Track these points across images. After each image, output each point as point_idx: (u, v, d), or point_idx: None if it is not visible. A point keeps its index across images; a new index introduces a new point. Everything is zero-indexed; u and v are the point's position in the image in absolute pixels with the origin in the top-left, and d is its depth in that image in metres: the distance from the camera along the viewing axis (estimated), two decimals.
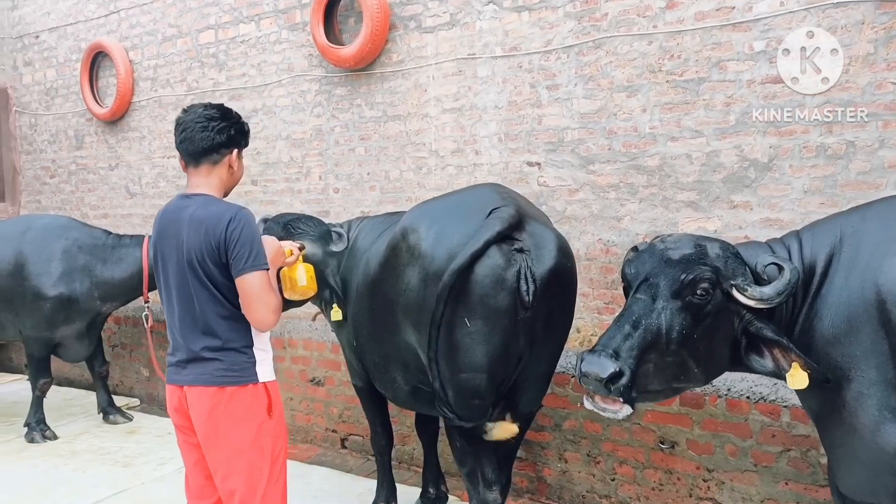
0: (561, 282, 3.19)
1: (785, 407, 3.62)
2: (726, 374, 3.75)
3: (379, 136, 5.51)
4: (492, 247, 2.99)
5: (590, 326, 4.48)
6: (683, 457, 3.98)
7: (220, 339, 2.67)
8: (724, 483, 3.86)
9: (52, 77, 8.14)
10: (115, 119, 7.40)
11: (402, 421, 5.00)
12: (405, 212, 3.93)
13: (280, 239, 3.35)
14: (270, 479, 2.72)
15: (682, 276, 2.53)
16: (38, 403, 5.69)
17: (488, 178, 4.88)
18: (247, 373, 2.71)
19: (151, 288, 5.66)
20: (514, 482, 4.47)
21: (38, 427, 5.61)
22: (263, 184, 6.27)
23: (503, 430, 3.20)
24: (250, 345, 2.73)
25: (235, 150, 2.89)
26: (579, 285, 4.48)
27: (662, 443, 4.02)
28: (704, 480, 3.91)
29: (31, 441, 5.53)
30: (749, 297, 2.46)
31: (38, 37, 8.23)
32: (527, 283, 3.02)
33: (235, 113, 2.97)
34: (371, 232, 3.91)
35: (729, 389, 3.79)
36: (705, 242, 2.64)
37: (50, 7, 8.02)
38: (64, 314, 5.56)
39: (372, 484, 4.42)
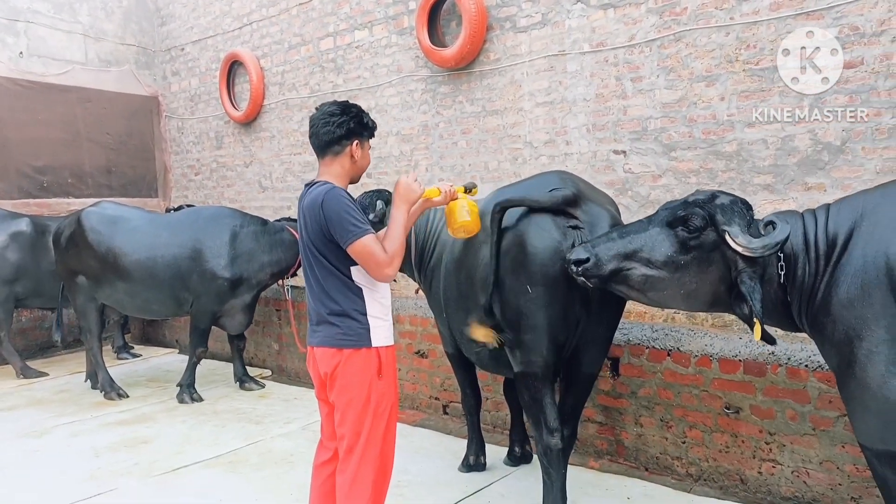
0: None
1: None
2: (786, 345, 4.01)
3: (479, 130, 5.95)
4: (550, 223, 3.44)
5: None
6: (747, 421, 4.20)
7: (339, 306, 2.99)
8: (784, 446, 4.06)
9: (195, 85, 9.14)
10: (249, 121, 8.24)
11: (496, 389, 5.46)
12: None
13: None
14: (372, 430, 3.01)
15: (679, 212, 3.01)
16: (192, 368, 6.57)
17: (578, 167, 5.23)
18: (362, 338, 2.99)
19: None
20: (595, 445, 4.83)
21: (187, 389, 6.48)
22: (377, 176, 6.85)
23: (475, 330, 3.63)
24: (364, 312, 3.00)
25: (357, 141, 3.11)
26: None
27: (728, 408, 4.26)
28: (767, 443, 4.13)
29: (181, 401, 6.40)
30: (737, 243, 2.84)
31: (183, 49, 9.25)
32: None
33: (356, 107, 3.18)
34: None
35: (789, 358, 4.00)
36: (720, 195, 3.04)
37: (193, 22, 9.01)
38: (232, 291, 6.43)
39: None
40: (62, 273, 6.73)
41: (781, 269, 2.87)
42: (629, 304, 4.07)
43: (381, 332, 3.04)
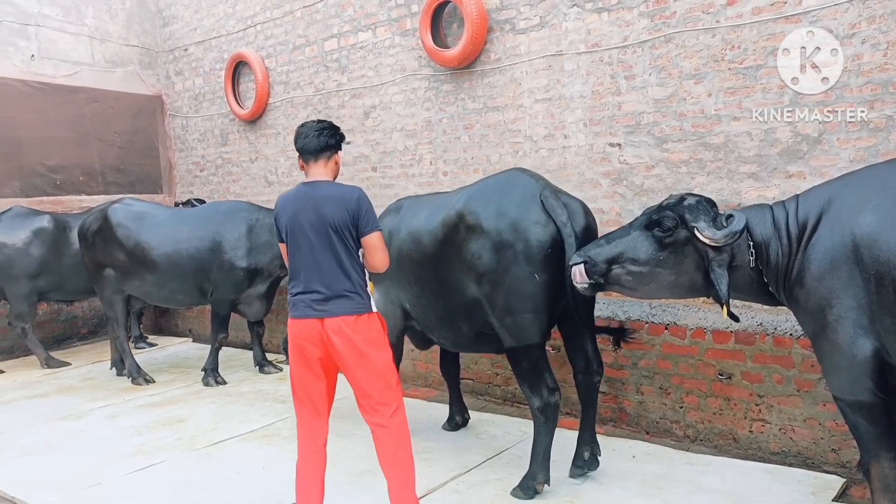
0: (589, 236, 4.07)
1: None
2: (773, 317, 4.49)
3: (480, 126, 6.35)
4: (549, 219, 3.90)
5: None
6: (739, 386, 4.68)
7: (353, 282, 3.52)
8: (772, 406, 4.55)
9: (199, 84, 9.45)
10: (255, 118, 8.58)
11: (505, 365, 5.89)
12: (439, 193, 4.96)
13: None
14: (390, 377, 3.60)
15: (653, 216, 3.55)
16: (215, 353, 6.94)
17: (576, 159, 5.65)
18: (367, 306, 3.55)
19: None
20: (599, 412, 5.27)
21: (212, 373, 6.86)
22: (382, 170, 7.24)
23: None
24: (366, 285, 3.61)
25: (339, 151, 3.78)
26: None
27: (721, 374, 4.74)
28: (756, 405, 4.61)
29: (207, 385, 6.78)
30: (704, 235, 3.35)
31: (186, 50, 9.55)
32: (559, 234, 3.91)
33: (337, 126, 3.84)
34: (411, 211, 4.71)
35: (775, 329, 4.48)
36: (688, 196, 3.58)
37: (196, 24, 9.31)
38: (250, 281, 6.79)
39: (478, 415, 5.47)
40: (89, 266, 7.07)
41: (752, 255, 3.37)
42: None
43: (373, 302, 3.65)
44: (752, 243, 3.37)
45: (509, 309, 3.94)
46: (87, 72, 9.06)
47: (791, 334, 4.40)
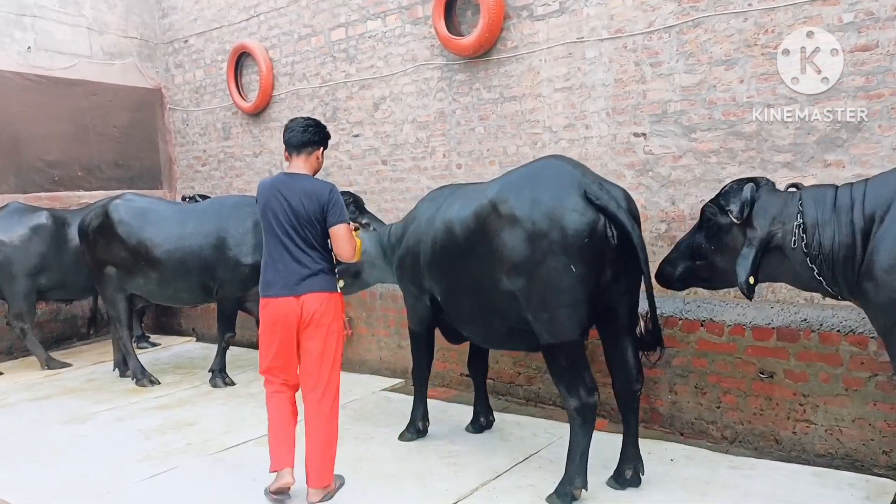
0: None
1: (872, 338, 4.09)
2: (818, 312, 4.31)
3: (496, 116, 6.15)
4: (587, 207, 3.67)
5: None
6: (781, 385, 4.48)
7: (327, 262, 4.04)
8: (818, 406, 4.35)
9: (200, 76, 9.21)
10: (258, 111, 8.34)
11: (528, 364, 5.71)
12: (477, 183, 4.79)
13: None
14: (339, 351, 4.13)
15: (703, 211, 3.80)
16: (222, 354, 6.71)
17: (598, 149, 5.45)
18: (334, 285, 4.09)
19: None
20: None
21: (219, 374, 6.63)
22: (393, 163, 7.02)
23: None
24: (334, 267, 4.11)
25: (322, 149, 4.17)
26: None
27: (762, 373, 4.54)
28: (800, 405, 4.41)
29: (215, 386, 6.56)
30: (729, 211, 3.57)
31: (186, 41, 9.31)
32: (611, 230, 3.71)
33: (323, 125, 4.23)
34: (448, 200, 4.50)
35: (821, 324, 4.29)
36: (728, 185, 3.76)
37: (196, 14, 9.07)
38: (255, 278, 6.49)
39: (501, 416, 5.24)
40: (90, 264, 6.84)
41: (797, 236, 3.34)
42: None
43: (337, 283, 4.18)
44: (801, 224, 3.28)
45: (545, 303, 3.72)
46: (85, 64, 8.80)
47: (839, 330, 4.21)
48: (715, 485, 3.96)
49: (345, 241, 3.97)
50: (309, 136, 4.06)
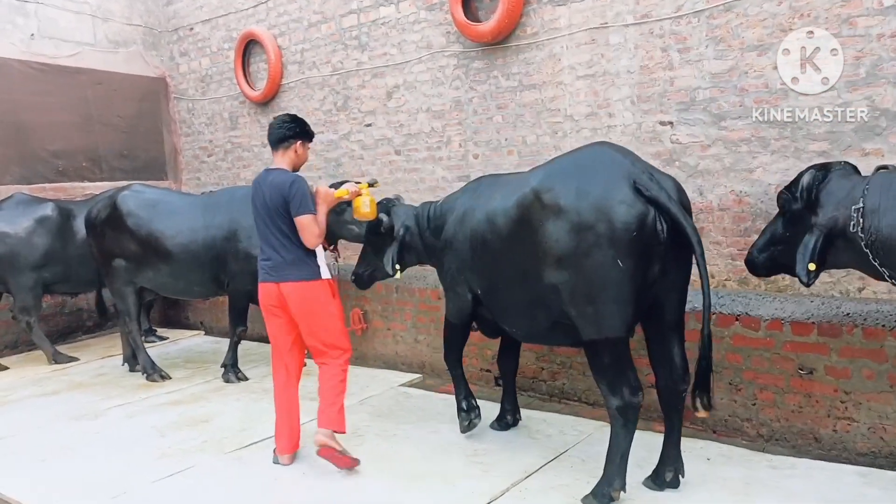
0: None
1: None
2: (862, 307, 4.16)
3: (515, 105, 5.99)
4: (637, 199, 3.48)
5: (724, 272, 4.85)
6: (821, 381, 4.34)
7: (302, 251, 4.28)
8: (861, 403, 4.21)
9: (206, 65, 9.02)
10: (267, 100, 8.16)
11: (552, 359, 5.57)
12: (518, 172, 4.68)
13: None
14: (333, 324, 4.40)
15: (779, 197, 3.81)
16: (234, 348, 6.54)
17: (622, 139, 5.28)
18: (315, 273, 4.32)
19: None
20: (659, 410, 4.95)
21: (232, 369, 6.48)
22: (406, 153, 6.86)
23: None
24: (314, 256, 4.34)
25: (300, 142, 4.42)
26: (713, 234, 4.90)
27: (801, 369, 4.39)
28: (842, 402, 4.27)
29: (227, 381, 6.40)
30: (796, 196, 3.62)
31: (192, 29, 9.12)
32: (661, 223, 3.53)
33: (301, 118, 4.55)
34: (488, 191, 4.34)
35: (865, 319, 4.13)
36: (803, 170, 3.75)
37: (202, 1, 8.87)
38: None
39: (526, 413, 5.07)
40: (98, 257, 6.68)
41: (855, 220, 3.32)
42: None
43: (325, 270, 4.39)
44: (860, 208, 3.25)
45: (590, 297, 3.56)
46: (89, 52, 8.61)
47: (884, 325, 4.06)
48: (756, 485, 3.82)
49: (306, 230, 4.21)
50: (283, 132, 4.38)
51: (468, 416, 4.71)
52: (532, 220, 3.76)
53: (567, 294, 3.64)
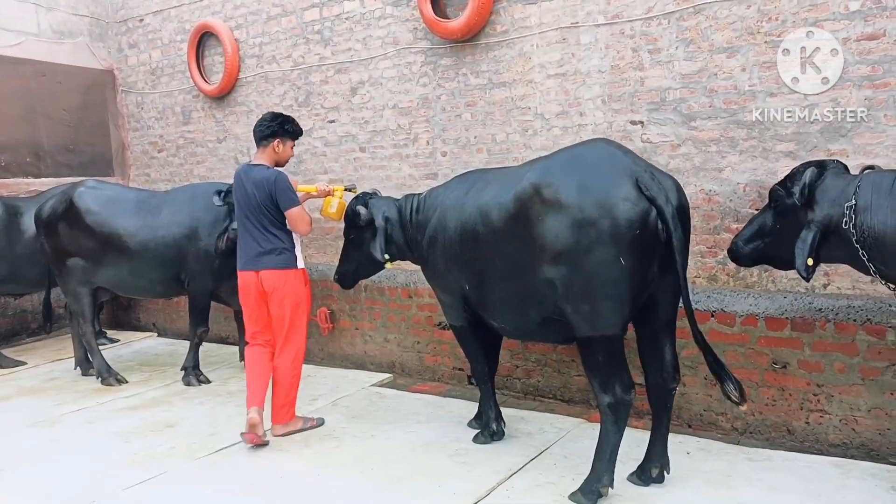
0: (683, 216, 3.71)
1: (890, 328, 4.10)
2: (833, 302, 4.28)
3: (485, 103, 5.97)
4: (640, 197, 3.49)
5: (693, 269, 4.93)
6: (794, 375, 4.46)
7: (282, 242, 4.68)
8: (833, 396, 4.34)
9: (157, 57, 8.73)
10: (223, 94, 7.94)
11: (526, 357, 5.58)
12: (508, 167, 4.66)
13: None
14: (298, 318, 4.81)
15: (772, 192, 3.81)
16: (195, 350, 6.32)
17: (593, 137, 5.33)
18: (293, 262, 4.73)
19: None
20: (635, 406, 5.00)
21: (193, 372, 6.27)
22: (372, 150, 6.76)
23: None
24: (293, 246, 4.75)
25: (279, 140, 4.74)
26: None
27: (775, 364, 4.51)
28: (814, 395, 4.40)
29: (189, 384, 6.19)
30: (792, 195, 3.62)
31: (142, 20, 8.81)
32: (662, 223, 3.54)
33: (282, 117, 4.85)
34: (479, 184, 4.27)
35: (836, 314, 4.27)
36: (796, 167, 3.78)
37: None
38: (228, 270, 6.12)
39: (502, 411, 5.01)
40: (51, 256, 6.38)
41: (848, 216, 3.35)
42: None
43: (301, 260, 4.80)
44: (852, 205, 3.32)
45: (588, 294, 3.56)
46: (33, 42, 8.23)
47: (855, 320, 4.19)
48: (738, 478, 3.89)
49: (298, 221, 4.65)
50: (262, 130, 4.73)
51: (489, 438, 4.61)
52: (530, 215, 3.72)
53: (563, 290, 3.63)
